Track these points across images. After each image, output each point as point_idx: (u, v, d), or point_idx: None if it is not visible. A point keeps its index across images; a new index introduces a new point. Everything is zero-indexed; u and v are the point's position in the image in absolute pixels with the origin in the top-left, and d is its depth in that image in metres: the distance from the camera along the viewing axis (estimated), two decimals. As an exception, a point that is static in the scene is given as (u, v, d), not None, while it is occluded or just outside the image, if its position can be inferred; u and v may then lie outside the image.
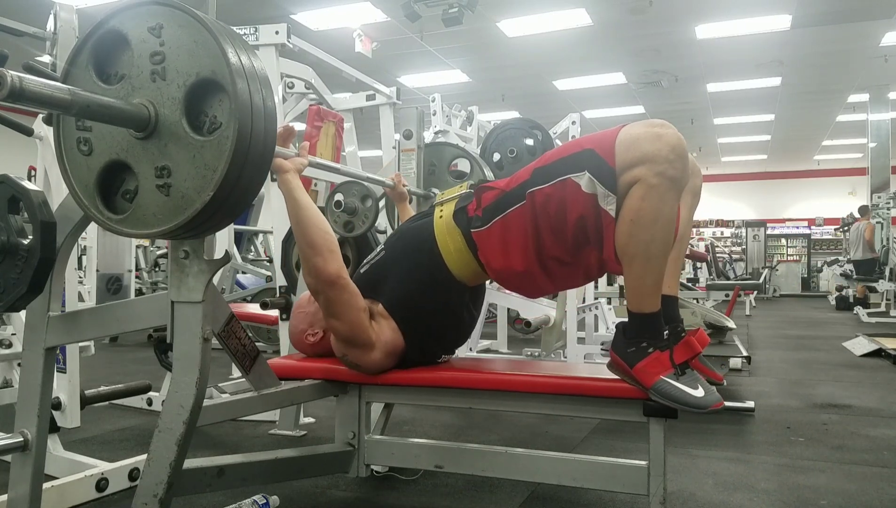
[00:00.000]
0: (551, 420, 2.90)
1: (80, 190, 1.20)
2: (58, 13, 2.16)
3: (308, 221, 1.58)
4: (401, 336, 1.66)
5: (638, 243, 1.37)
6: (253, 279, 6.04)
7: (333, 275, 1.57)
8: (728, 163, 17.77)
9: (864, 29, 8.05)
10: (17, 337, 2.71)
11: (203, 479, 1.45)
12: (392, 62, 9.05)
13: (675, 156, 1.33)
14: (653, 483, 1.48)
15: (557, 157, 1.49)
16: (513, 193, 1.54)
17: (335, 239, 1.61)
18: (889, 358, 4.76)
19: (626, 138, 1.37)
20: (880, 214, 9.39)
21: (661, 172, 1.33)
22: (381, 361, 1.66)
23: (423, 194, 2.50)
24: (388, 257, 1.74)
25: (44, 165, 2.43)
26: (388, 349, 1.65)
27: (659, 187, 1.33)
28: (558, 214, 1.46)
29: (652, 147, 1.33)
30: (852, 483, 2.14)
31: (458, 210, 1.66)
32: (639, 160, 1.34)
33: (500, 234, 1.56)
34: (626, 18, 7.64)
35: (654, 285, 1.41)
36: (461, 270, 1.64)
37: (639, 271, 1.39)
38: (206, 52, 1.08)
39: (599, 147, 1.40)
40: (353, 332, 1.62)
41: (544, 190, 1.48)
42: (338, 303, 1.59)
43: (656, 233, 1.36)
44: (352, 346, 1.65)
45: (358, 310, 1.61)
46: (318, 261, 1.57)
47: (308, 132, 4.35)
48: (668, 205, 1.36)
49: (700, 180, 1.75)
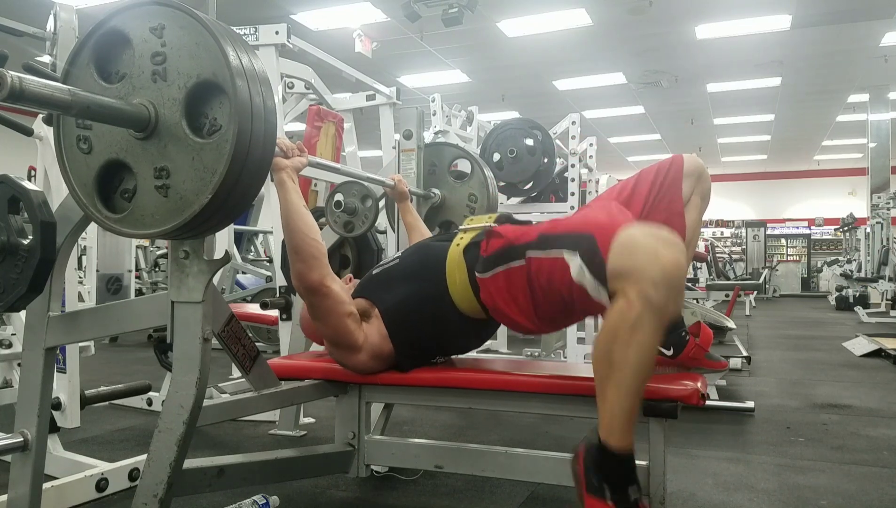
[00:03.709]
0: (551, 420, 2.90)
1: (79, 188, 1.20)
2: (58, 13, 2.16)
3: (295, 225, 1.58)
4: (390, 343, 1.66)
5: (610, 364, 1.24)
6: (253, 279, 6.04)
7: (315, 283, 1.57)
8: (728, 163, 17.76)
9: (864, 29, 8.04)
10: (17, 337, 2.72)
11: (203, 479, 1.45)
12: (392, 62, 9.05)
13: (663, 282, 1.19)
14: (653, 483, 1.48)
15: (563, 229, 1.44)
16: (517, 249, 1.50)
17: (321, 246, 1.60)
18: (889, 358, 4.76)
19: (626, 241, 1.26)
20: (880, 214, 9.37)
21: (644, 294, 1.19)
22: (366, 363, 1.66)
23: (422, 194, 2.50)
24: (400, 267, 1.74)
25: (44, 165, 2.43)
26: (374, 353, 1.65)
27: (638, 309, 1.19)
28: (550, 285, 1.43)
29: (644, 263, 1.21)
30: (852, 483, 2.14)
31: (471, 245, 1.63)
32: (627, 272, 1.23)
33: (499, 285, 1.53)
34: (626, 18, 7.63)
35: (625, 417, 1.24)
36: (462, 302, 1.62)
37: (609, 395, 1.25)
38: (208, 54, 1.08)
39: (600, 235, 1.31)
40: (337, 336, 1.63)
41: (541, 259, 1.44)
42: (320, 308, 1.61)
43: (630, 357, 1.21)
44: (336, 347, 1.67)
45: (341, 316, 1.60)
46: (300, 267, 1.57)
47: (308, 132, 4.36)
48: (644, 332, 1.20)
49: (708, 185, 1.72)
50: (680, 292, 1.26)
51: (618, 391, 1.24)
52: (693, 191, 1.69)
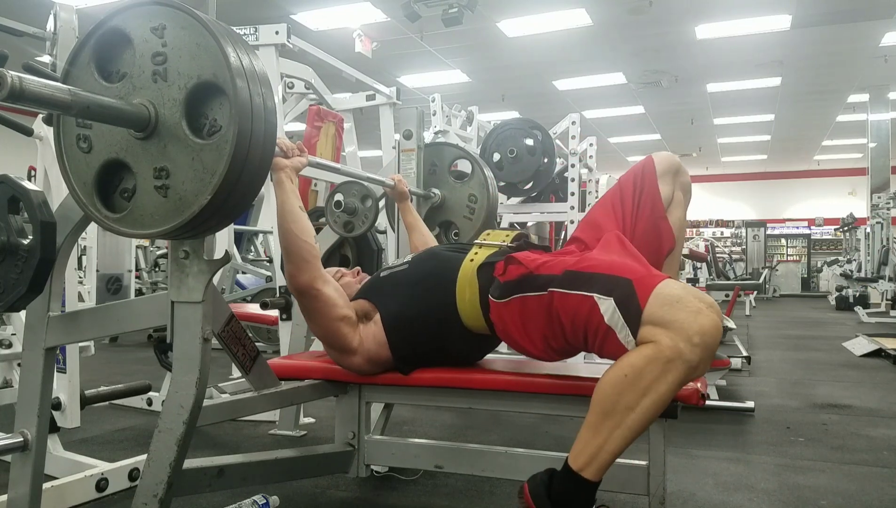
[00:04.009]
0: (551, 420, 2.90)
1: (79, 187, 1.20)
2: (58, 13, 2.16)
3: (287, 226, 1.58)
4: (387, 350, 1.65)
5: (619, 402, 1.24)
6: (253, 279, 6.04)
7: (304, 285, 1.57)
8: (728, 163, 17.77)
9: (864, 29, 8.05)
10: (17, 337, 2.72)
11: (203, 479, 1.45)
12: (392, 62, 9.05)
13: (701, 342, 1.20)
14: (653, 483, 1.48)
15: (594, 268, 1.39)
16: (537, 279, 1.46)
17: (313, 248, 1.59)
18: (889, 358, 4.76)
19: (669, 294, 1.26)
20: (880, 214, 9.37)
21: (679, 348, 1.20)
22: (361, 366, 1.66)
23: (422, 194, 2.50)
24: (409, 273, 1.72)
25: (44, 165, 2.43)
26: (369, 357, 1.65)
27: (667, 362, 1.20)
28: (573, 323, 1.38)
29: (685, 319, 1.21)
30: (852, 483, 2.14)
31: (486, 264, 1.60)
32: (666, 323, 1.23)
33: (513, 312, 1.50)
34: (626, 18, 7.64)
35: (612, 457, 1.26)
36: (469, 319, 1.61)
37: (605, 431, 1.25)
38: (208, 54, 1.08)
39: (639, 283, 1.29)
40: (328, 337, 1.64)
41: (566, 296, 1.39)
42: (309, 310, 1.61)
43: (643, 405, 1.22)
44: (330, 348, 1.68)
45: (332, 319, 1.60)
46: (290, 268, 1.58)
47: (308, 132, 4.36)
48: (666, 384, 1.21)
49: (686, 177, 1.74)
50: (712, 357, 1.26)
51: (616, 432, 1.24)
52: (673, 188, 1.70)
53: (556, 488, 1.29)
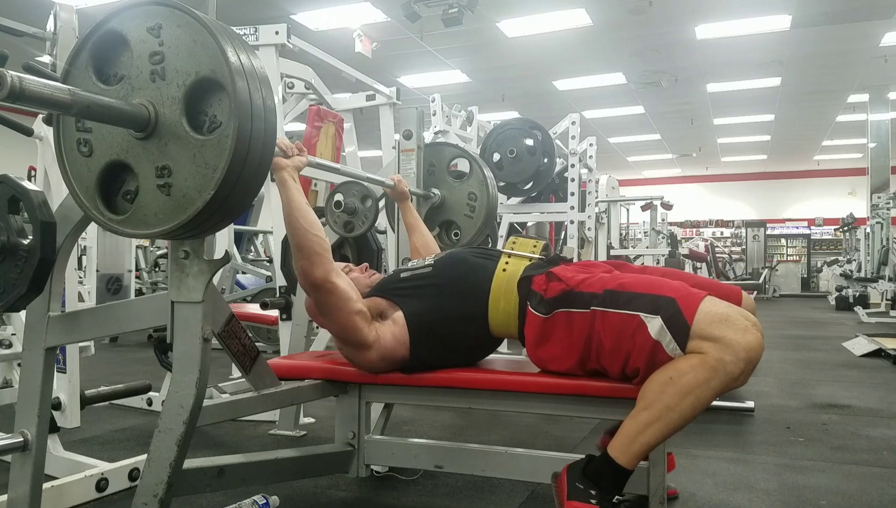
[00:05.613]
0: (551, 420, 2.90)
1: (81, 191, 1.20)
2: (58, 13, 2.16)
3: (297, 222, 1.57)
4: (406, 350, 1.65)
5: (660, 401, 1.34)
6: (253, 279, 6.04)
7: (319, 279, 1.57)
8: (728, 163, 17.77)
9: (864, 29, 8.05)
10: (17, 337, 2.72)
11: (203, 479, 1.45)
12: (392, 62, 9.05)
13: (745, 357, 1.31)
14: (653, 483, 1.48)
15: (635, 289, 1.44)
16: (578, 296, 1.49)
17: (324, 242, 1.59)
18: (889, 358, 4.76)
19: (716, 312, 1.35)
20: (880, 214, 9.37)
21: (724, 360, 1.31)
22: (375, 362, 1.65)
23: (422, 194, 2.50)
24: (433, 276, 1.71)
25: (44, 165, 2.43)
26: (385, 355, 1.64)
27: (712, 370, 1.31)
28: (618, 340, 1.43)
29: (733, 336, 1.31)
30: (852, 483, 2.14)
31: (525, 278, 1.61)
32: (715, 338, 1.32)
33: (552, 327, 1.53)
34: (625, 18, 7.64)
35: (648, 448, 1.36)
36: (499, 327, 1.64)
37: (642, 423, 1.35)
38: (206, 51, 1.08)
39: (682, 301, 1.37)
40: (344, 333, 1.63)
41: (610, 315, 1.44)
42: (326, 305, 1.60)
43: (682, 406, 1.33)
44: (345, 344, 1.67)
45: (348, 313, 1.60)
46: (304, 264, 1.57)
47: (308, 132, 4.36)
48: (708, 392, 1.32)
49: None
50: (752, 370, 1.35)
51: (654, 426, 1.34)
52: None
53: (591, 467, 1.39)
